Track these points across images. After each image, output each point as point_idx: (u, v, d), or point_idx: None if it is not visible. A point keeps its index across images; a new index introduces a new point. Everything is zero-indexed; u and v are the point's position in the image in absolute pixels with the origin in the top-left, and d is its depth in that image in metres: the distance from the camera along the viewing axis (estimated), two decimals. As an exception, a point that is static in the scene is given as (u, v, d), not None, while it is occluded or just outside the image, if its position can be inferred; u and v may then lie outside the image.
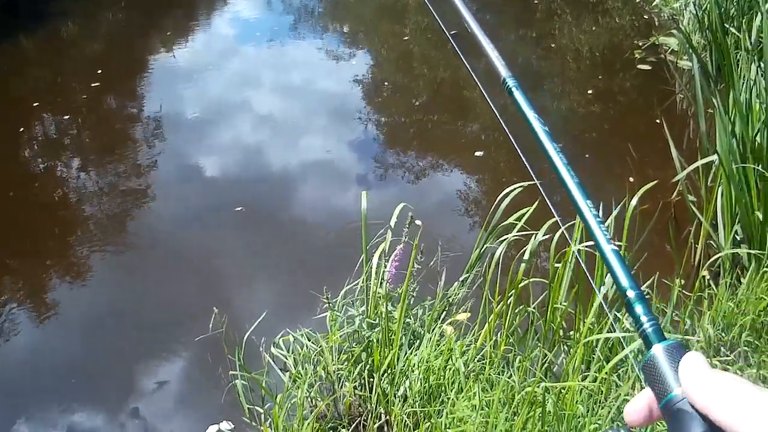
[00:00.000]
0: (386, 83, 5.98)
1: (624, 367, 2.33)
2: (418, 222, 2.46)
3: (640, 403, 0.56)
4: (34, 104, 5.50)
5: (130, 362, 3.04)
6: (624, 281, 0.60)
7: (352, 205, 3.74)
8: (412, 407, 2.31)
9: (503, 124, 0.89)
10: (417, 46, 6.60)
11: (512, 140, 0.88)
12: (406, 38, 6.77)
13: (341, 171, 4.57)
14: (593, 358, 2.41)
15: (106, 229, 4.09)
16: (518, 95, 0.79)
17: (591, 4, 7.20)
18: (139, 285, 3.55)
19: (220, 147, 4.79)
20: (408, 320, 2.45)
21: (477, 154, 4.52)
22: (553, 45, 6.35)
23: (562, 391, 2.22)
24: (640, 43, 5.85)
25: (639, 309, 0.59)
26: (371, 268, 2.41)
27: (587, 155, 4.45)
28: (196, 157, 4.70)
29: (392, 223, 2.41)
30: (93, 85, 5.65)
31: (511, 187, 2.74)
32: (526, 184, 2.72)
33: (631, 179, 3.75)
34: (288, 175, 4.46)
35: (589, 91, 5.29)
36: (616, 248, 0.63)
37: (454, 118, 5.23)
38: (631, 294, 0.60)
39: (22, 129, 5.10)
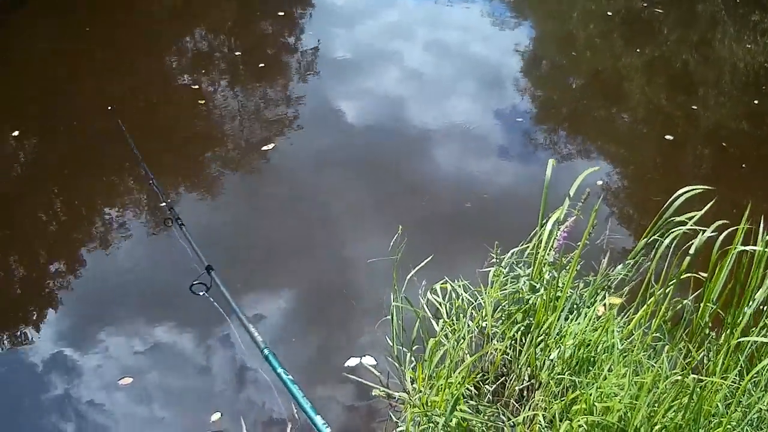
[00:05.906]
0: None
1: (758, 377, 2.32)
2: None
3: None
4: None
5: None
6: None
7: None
8: (561, 374, 2.35)
9: None
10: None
11: None
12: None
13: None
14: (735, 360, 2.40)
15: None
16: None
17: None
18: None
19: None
20: (571, 291, 2.48)
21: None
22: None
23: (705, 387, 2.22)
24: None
25: None
26: (543, 234, 2.43)
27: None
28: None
29: (571, 192, 2.41)
30: None
31: (686, 189, 2.69)
32: (700, 188, 2.65)
33: None
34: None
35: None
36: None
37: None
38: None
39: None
